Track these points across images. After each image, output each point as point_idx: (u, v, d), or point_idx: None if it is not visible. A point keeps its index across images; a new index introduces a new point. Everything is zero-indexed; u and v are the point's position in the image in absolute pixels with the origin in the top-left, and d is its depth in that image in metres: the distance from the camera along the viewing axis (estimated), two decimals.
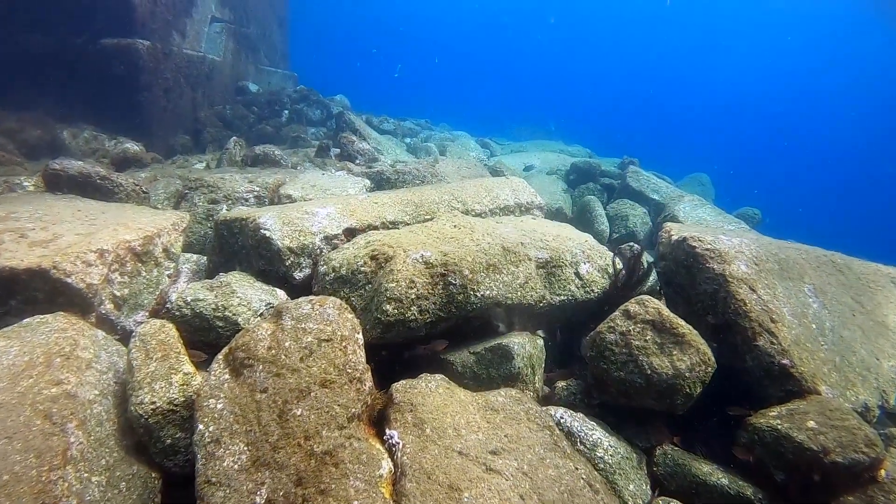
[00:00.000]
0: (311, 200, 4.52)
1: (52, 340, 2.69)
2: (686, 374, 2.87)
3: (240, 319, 3.36)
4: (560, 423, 2.91)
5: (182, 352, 2.87)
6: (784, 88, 52.85)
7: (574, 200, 7.84)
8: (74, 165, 4.14)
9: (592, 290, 3.70)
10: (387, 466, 2.17)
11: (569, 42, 62.40)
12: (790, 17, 43.58)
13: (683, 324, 2.98)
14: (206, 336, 3.41)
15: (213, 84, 10.20)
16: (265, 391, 2.38)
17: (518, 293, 3.40)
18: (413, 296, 3.11)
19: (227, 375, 2.50)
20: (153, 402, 2.61)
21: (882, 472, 2.54)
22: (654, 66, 59.21)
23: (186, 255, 4.35)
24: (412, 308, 3.09)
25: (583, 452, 2.79)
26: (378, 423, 2.46)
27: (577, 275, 3.67)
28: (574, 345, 3.91)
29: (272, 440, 2.22)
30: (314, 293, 3.66)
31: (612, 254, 3.91)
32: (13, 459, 2.11)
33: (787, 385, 2.94)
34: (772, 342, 3.00)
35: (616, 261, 3.82)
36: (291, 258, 3.75)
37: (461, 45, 66.38)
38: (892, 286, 3.87)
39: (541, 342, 3.47)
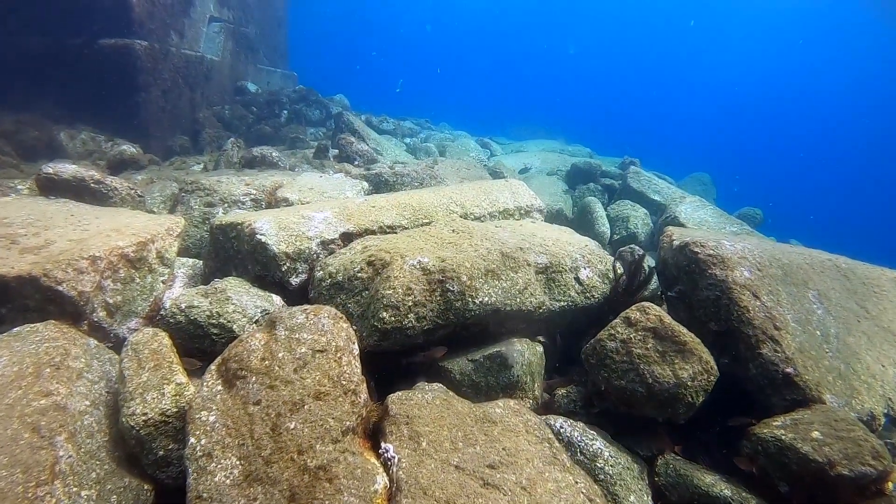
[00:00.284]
0: (308, 204, 4.47)
1: (42, 350, 2.65)
2: (688, 384, 2.82)
3: (235, 327, 3.32)
4: (560, 433, 2.86)
5: (175, 361, 2.82)
6: (786, 88, 52.73)
7: (574, 201, 7.78)
8: (68, 169, 4.09)
9: (593, 296, 3.64)
10: (382, 482, 2.12)
11: (570, 41, 62.23)
12: (793, 17, 43.42)
13: (685, 331, 2.93)
14: (201, 343, 3.36)
15: (212, 84, 10.14)
16: (258, 403, 2.33)
17: (517, 299, 3.35)
18: (410, 303, 3.06)
19: (220, 387, 2.45)
20: (145, 414, 2.56)
21: (889, 485, 2.48)
22: (654, 66, 59.06)
23: (182, 260, 4.30)
24: (409, 315, 3.04)
25: (582, 463, 2.74)
26: (373, 436, 2.41)
27: (578, 280, 3.62)
28: (574, 349, 3.86)
29: (265, 454, 2.17)
30: (311, 299, 3.62)
31: (613, 258, 3.86)
32: None
33: (791, 394, 2.89)
34: (775, 350, 2.94)
35: (617, 265, 3.77)
36: (287, 263, 3.70)
37: (461, 45, 66.27)
38: None
39: (540, 349, 3.42)
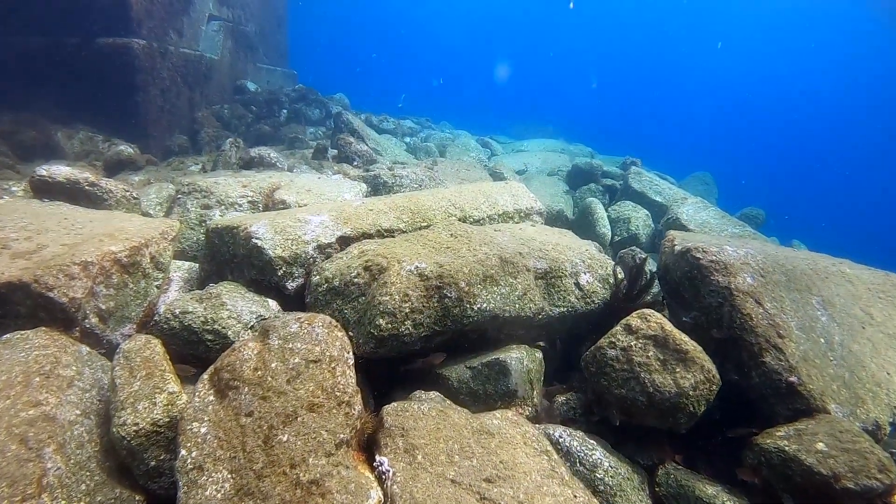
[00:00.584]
0: (305, 207, 4.42)
1: (32, 358, 2.60)
2: (690, 393, 2.77)
3: (229, 333, 3.27)
4: (559, 443, 2.80)
5: (167, 369, 2.77)
6: (787, 87, 52.54)
7: (575, 202, 7.72)
8: (62, 171, 4.04)
9: (593, 301, 3.59)
10: (376, 496, 2.07)
11: (571, 40, 62.02)
12: (794, 16, 43.25)
13: (687, 339, 2.87)
14: (196, 349, 3.32)
15: (211, 83, 10.08)
16: (250, 415, 2.28)
17: (516, 305, 3.29)
18: (407, 309, 3.01)
19: (212, 397, 2.40)
20: (136, 424, 2.51)
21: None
22: (656, 65, 58.85)
23: (178, 263, 4.25)
24: (406, 322, 2.99)
25: (582, 474, 2.69)
26: (368, 448, 2.36)
27: (578, 285, 3.57)
28: (574, 354, 3.81)
29: (257, 468, 2.13)
30: (307, 304, 3.57)
31: (614, 263, 3.80)
32: None
33: (795, 403, 2.84)
34: (779, 358, 2.89)
35: (617, 270, 3.71)
36: (284, 268, 3.65)
37: (462, 44, 66.09)
38: None
39: (539, 355, 3.37)
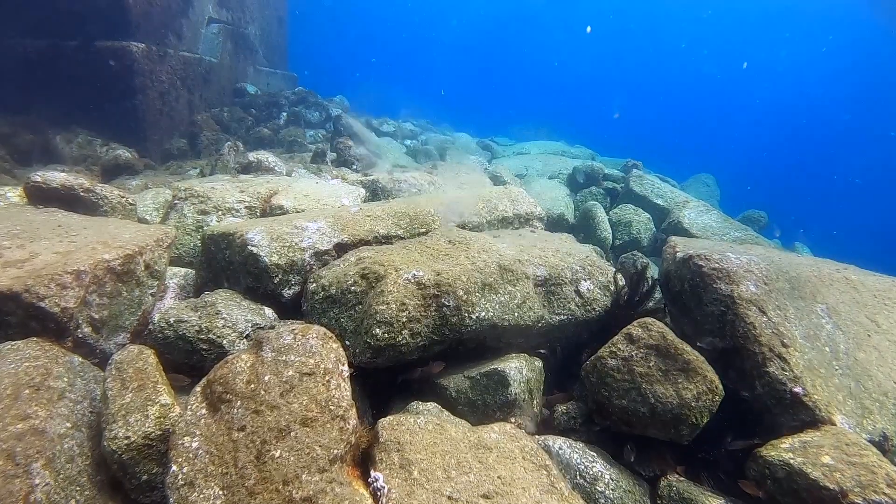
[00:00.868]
0: (302, 213, 4.37)
1: (22, 370, 2.55)
2: (692, 404, 2.72)
3: (224, 342, 3.23)
4: (559, 455, 2.75)
5: (160, 381, 2.72)
6: (787, 90, 52.40)
7: (576, 205, 7.67)
8: (57, 178, 4.00)
9: (594, 309, 3.53)
10: None
11: (572, 41, 61.94)
12: (797, 20, 43.17)
13: (689, 349, 2.82)
14: (190, 359, 3.27)
15: (211, 86, 10.05)
16: (243, 429, 2.23)
17: (515, 314, 3.24)
18: (404, 319, 2.96)
19: (205, 410, 2.35)
20: (127, 437, 2.46)
21: None
22: (656, 66, 58.76)
23: (174, 270, 4.21)
24: (403, 332, 2.94)
25: (582, 487, 2.63)
26: (363, 463, 2.31)
27: (578, 293, 3.51)
28: (574, 361, 3.76)
29: (249, 484, 2.08)
30: (304, 312, 3.53)
31: (614, 270, 3.75)
32: None
33: (800, 414, 2.78)
34: (783, 368, 2.83)
35: (618, 277, 3.66)
36: (280, 275, 3.61)
37: (463, 45, 66.03)
38: None
39: (539, 364, 3.31)
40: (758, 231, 8.06)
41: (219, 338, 3.23)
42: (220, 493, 2.07)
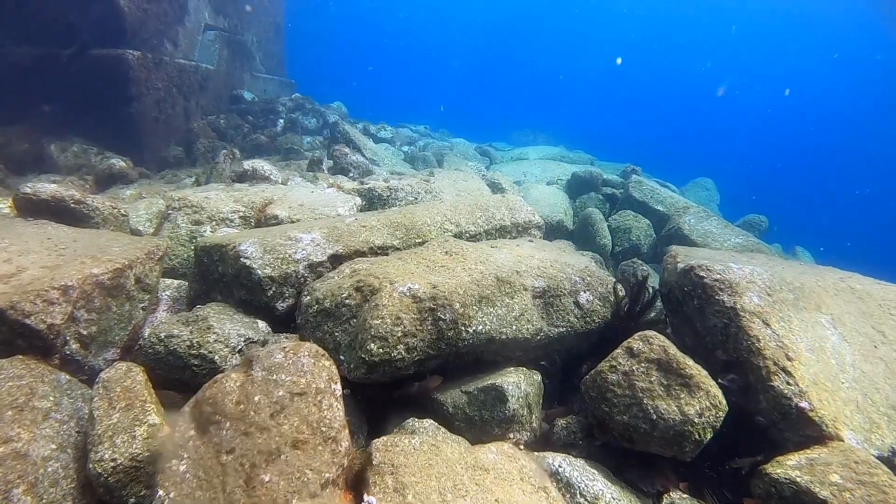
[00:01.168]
0: (297, 223, 4.31)
1: (5, 390, 2.48)
2: (695, 420, 2.64)
3: (216, 357, 3.16)
4: (558, 473, 2.67)
5: (149, 399, 2.65)
6: (790, 90, 52.49)
7: (575, 211, 7.61)
8: (47, 189, 3.94)
9: (593, 321, 3.47)
10: None
11: (570, 44, 62.07)
12: (798, 22, 43.27)
13: (692, 364, 2.75)
14: (182, 375, 3.21)
15: (207, 93, 10.00)
16: (231, 452, 2.16)
17: (513, 327, 3.17)
18: (399, 333, 2.89)
19: (193, 432, 2.28)
20: (114, 459, 2.39)
21: None
22: (656, 68, 58.86)
23: (167, 282, 4.15)
24: (398, 347, 2.87)
25: None
26: (356, 486, 2.24)
27: (577, 304, 3.44)
28: (574, 373, 3.69)
29: None
30: (298, 325, 3.46)
31: (614, 280, 3.68)
32: None
33: (806, 430, 2.70)
34: (788, 382, 2.76)
35: (618, 288, 3.59)
36: (273, 288, 3.54)
37: (461, 48, 66.13)
38: None
39: (538, 378, 3.24)
40: (758, 236, 8.00)
41: (210, 353, 3.16)
42: None
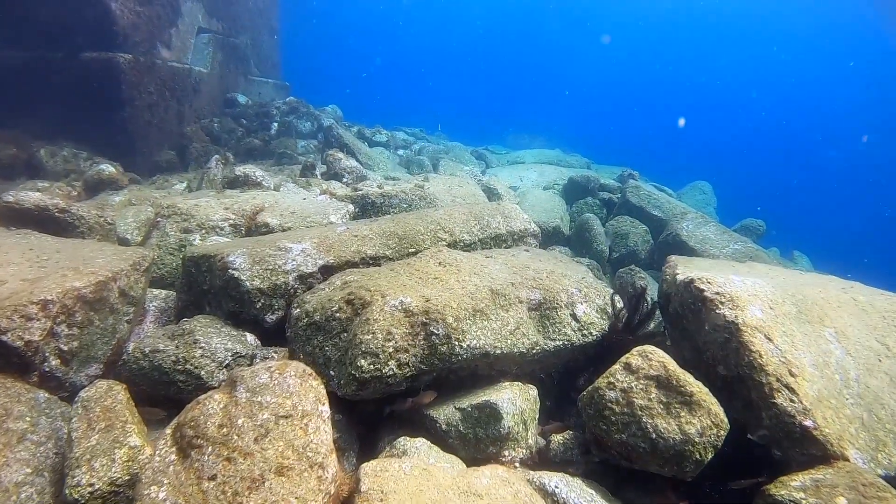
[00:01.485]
0: (287, 232, 4.21)
1: None
2: (696, 440, 2.56)
3: (202, 373, 3.07)
4: (555, 495, 2.58)
5: (130, 420, 2.55)
6: (789, 93, 52.65)
7: (572, 216, 7.53)
8: (30, 198, 3.84)
9: (591, 333, 3.38)
10: None
11: (569, 47, 62.09)
12: (798, 24, 43.40)
13: (692, 381, 2.66)
14: (167, 390, 3.12)
15: (201, 97, 9.89)
16: (214, 479, 2.06)
17: (508, 341, 3.09)
18: (391, 349, 2.80)
19: (174, 456, 2.18)
20: (91, 485, 2.29)
21: None
22: (655, 70, 58.94)
23: (155, 292, 4.05)
24: (390, 363, 2.78)
25: None
26: None
27: (574, 317, 3.36)
28: (571, 385, 3.60)
29: None
30: (287, 338, 3.36)
31: (612, 292, 3.59)
32: None
33: (810, 449, 2.62)
34: (791, 400, 2.67)
35: (616, 299, 3.51)
36: (262, 300, 3.45)
37: (459, 51, 66.13)
38: None
39: (534, 393, 3.15)
40: (756, 240, 7.94)
41: (196, 368, 3.08)
42: None
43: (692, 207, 8.48)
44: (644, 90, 58.95)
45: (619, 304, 3.49)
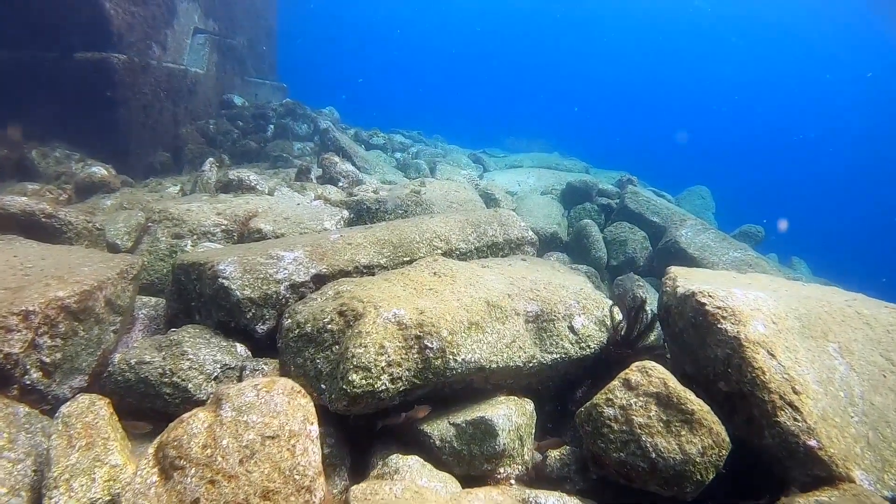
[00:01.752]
0: (280, 239, 4.12)
1: None
2: (696, 460, 2.48)
3: (190, 386, 2.99)
4: None
5: (112, 437, 2.46)
6: (789, 95, 52.74)
7: (570, 222, 7.46)
8: (16, 202, 3.74)
9: (589, 346, 3.30)
10: None
11: (567, 51, 62.13)
12: (796, 25, 43.46)
13: (693, 398, 2.59)
14: (153, 403, 3.03)
15: (196, 98, 9.79)
16: (196, 502, 1.98)
17: (504, 354, 3.01)
18: (383, 363, 2.71)
19: (156, 478, 2.10)
20: None
21: None
22: (655, 73, 59.00)
23: (144, 299, 3.96)
24: (382, 377, 2.70)
25: None
26: None
27: (572, 329, 3.28)
28: (569, 398, 3.53)
29: None
30: (278, 349, 3.28)
31: (611, 304, 3.52)
32: None
33: (814, 469, 2.54)
34: (795, 418, 2.60)
35: (615, 311, 3.43)
36: (253, 310, 3.37)
37: (457, 53, 66.08)
38: None
39: (530, 408, 3.07)
40: (754, 246, 7.87)
41: (184, 381, 2.99)
42: None
43: (691, 212, 8.43)
44: (643, 94, 59.06)
45: (619, 317, 3.42)
